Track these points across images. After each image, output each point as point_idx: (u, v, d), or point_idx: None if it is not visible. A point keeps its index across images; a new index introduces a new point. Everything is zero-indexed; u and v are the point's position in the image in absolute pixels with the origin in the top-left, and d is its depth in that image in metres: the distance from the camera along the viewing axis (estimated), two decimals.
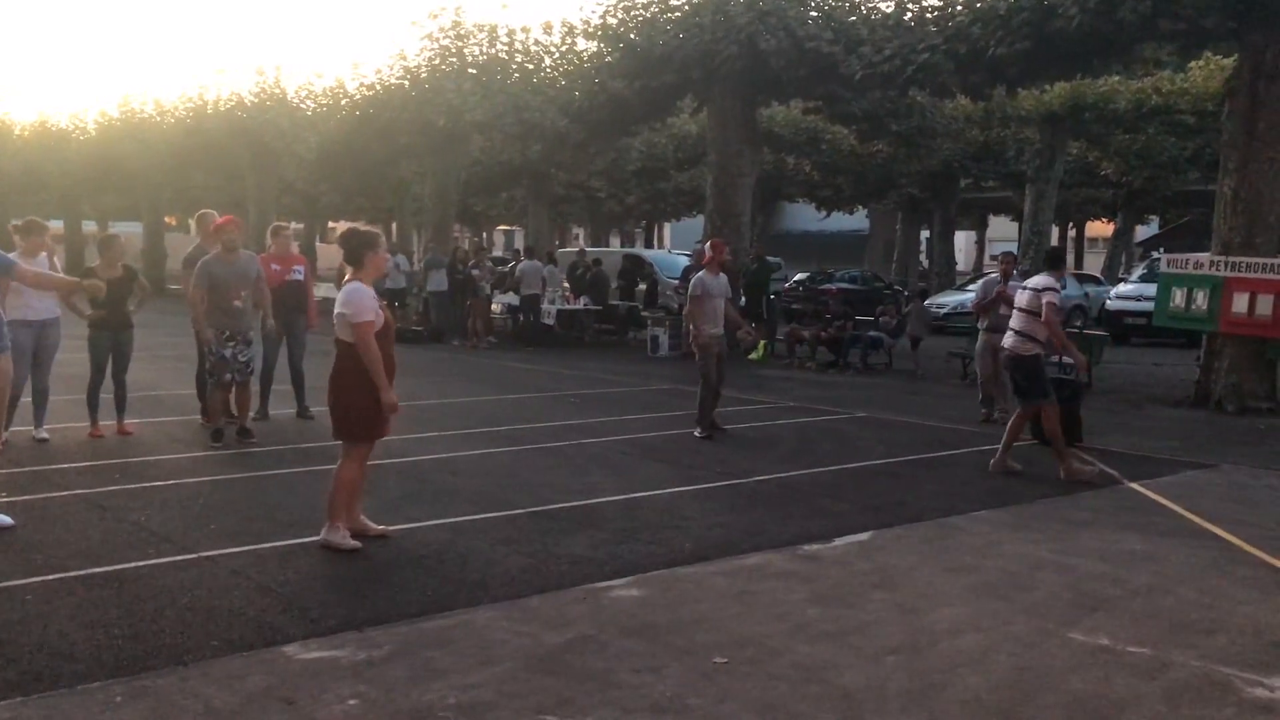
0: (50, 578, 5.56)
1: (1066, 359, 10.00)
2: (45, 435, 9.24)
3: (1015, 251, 16.45)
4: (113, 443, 9.39)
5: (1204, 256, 13.60)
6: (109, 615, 5.03)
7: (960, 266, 44.67)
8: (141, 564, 5.85)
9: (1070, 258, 48.83)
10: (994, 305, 11.72)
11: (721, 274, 10.92)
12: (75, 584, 5.49)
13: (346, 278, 6.39)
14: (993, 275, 12.29)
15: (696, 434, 10.47)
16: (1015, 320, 9.35)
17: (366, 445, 6.45)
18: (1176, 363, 17.93)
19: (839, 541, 6.77)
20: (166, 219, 38.16)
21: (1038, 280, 9.41)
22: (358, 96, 26.39)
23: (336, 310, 6.19)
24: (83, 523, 6.69)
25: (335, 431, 6.37)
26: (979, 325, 12.15)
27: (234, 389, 9.49)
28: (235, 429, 9.60)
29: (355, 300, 6.13)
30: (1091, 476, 8.82)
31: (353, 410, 6.23)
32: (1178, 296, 13.63)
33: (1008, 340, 9.36)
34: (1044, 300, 9.11)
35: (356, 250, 6.34)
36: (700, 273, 11.02)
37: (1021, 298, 9.41)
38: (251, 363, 9.60)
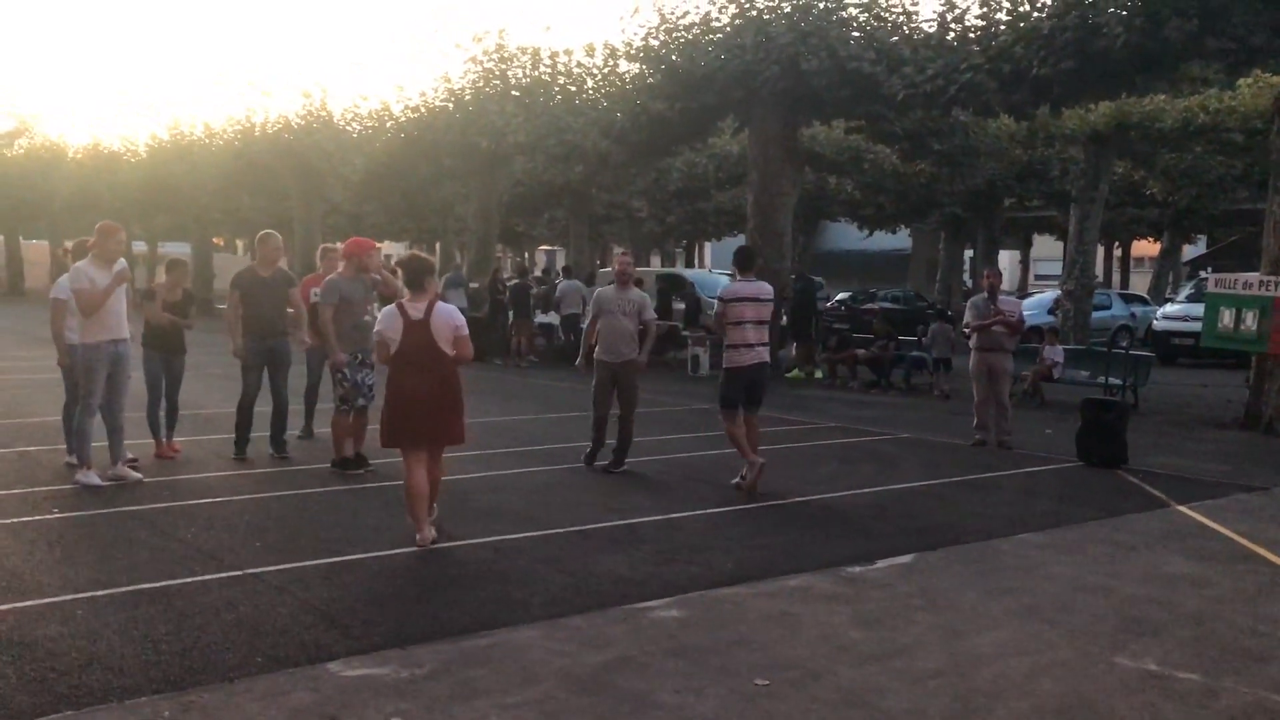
0: (100, 593, 5.65)
1: (1113, 379, 9.92)
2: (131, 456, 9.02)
3: (999, 267, 16.09)
4: (162, 461, 9.52)
5: (1253, 276, 13.40)
6: (157, 631, 5.10)
7: (1005, 286, 44.19)
8: (189, 580, 5.93)
9: (1116, 277, 48.32)
10: (990, 324, 11.48)
11: (633, 289, 9.66)
12: (124, 599, 5.57)
13: (418, 299, 6.84)
14: (979, 295, 12.01)
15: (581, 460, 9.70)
16: (757, 334, 9.18)
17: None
18: (1224, 384, 17.67)
19: (882, 563, 6.73)
20: (214, 239, 38.69)
21: (753, 288, 9.27)
22: (402, 119, 26.67)
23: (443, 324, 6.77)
24: (132, 539, 6.79)
25: (455, 437, 6.97)
26: (971, 344, 11.82)
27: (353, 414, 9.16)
28: (350, 456, 9.30)
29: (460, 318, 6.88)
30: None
31: (463, 412, 6.93)
32: (1226, 317, 13.45)
33: (754, 355, 9.13)
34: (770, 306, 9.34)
35: (418, 275, 6.90)
36: (600, 289, 10.05)
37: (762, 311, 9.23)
38: (374, 387, 9.10)
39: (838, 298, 31.88)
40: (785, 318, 20.42)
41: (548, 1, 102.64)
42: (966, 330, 12.18)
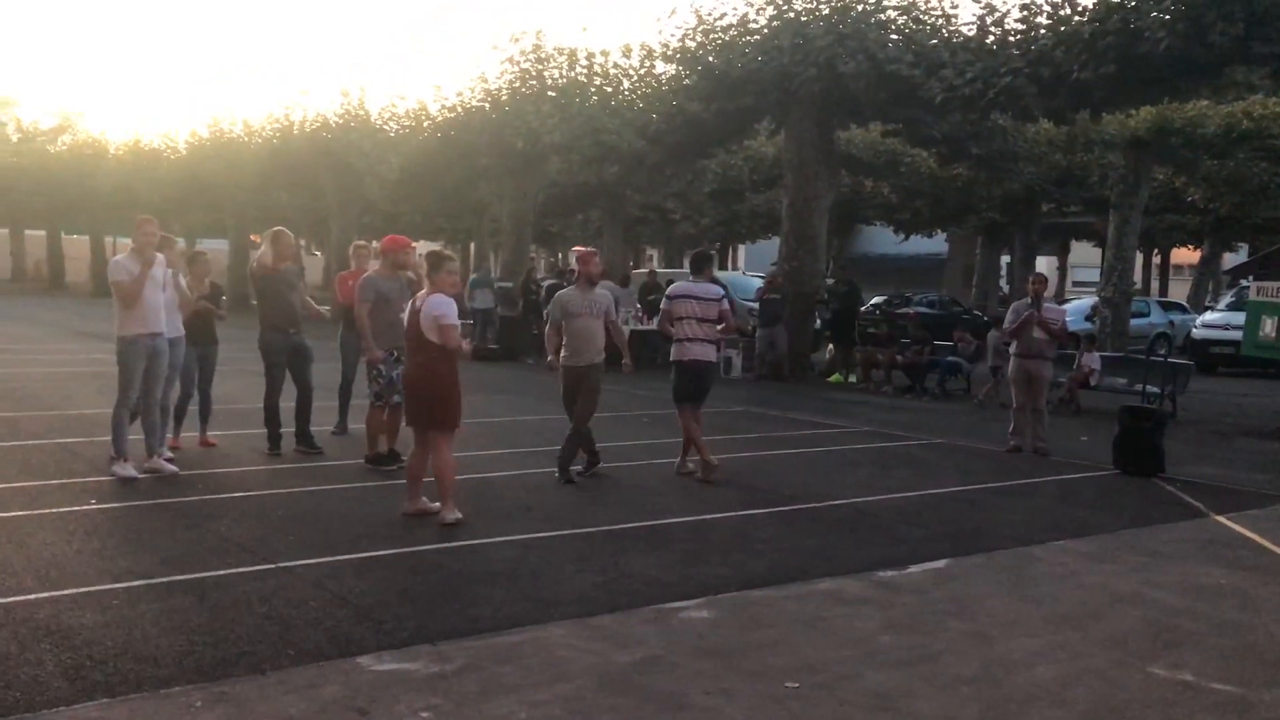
0: (136, 584, 5.71)
1: (1151, 387, 9.81)
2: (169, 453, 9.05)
3: (1039, 275, 15.90)
4: (196, 454, 9.62)
5: None
6: (191, 622, 5.15)
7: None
8: (222, 573, 5.98)
9: (1155, 285, 47.79)
10: (1025, 329, 11.38)
11: (597, 289, 9.36)
12: (160, 590, 5.62)
13: (426, 291, 7.40)
14: (1023, 300, 11.93)
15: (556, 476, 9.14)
16: (694, 330, 9.45)
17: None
18: (1265, 393, 17.45)
19: (914, 569, 6.68)
20: (252, 236, 39.02)
21: (700, 288, 9.58)
22: (439, 118, 26.77)
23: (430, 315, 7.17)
24: (167, 531, 6.86)
25: (439, 424, 7.30)
26: (1011, 350, 11.78)
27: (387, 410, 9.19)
28: (384, 451, 9.36)
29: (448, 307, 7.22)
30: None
31: (452, 401, 7.27)
32: (1267, 325, 13.28)
33: (698, 352, 9.47)
34: (723, 308, 9.52)
35: (431, 268, 7.42)
36: (561, 290, 9.60)
37: (706, 309, 9.47)
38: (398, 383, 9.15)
39: (872, 302, 31.71)
40: (820, 320, 20.38)
41: (585, 2, 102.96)
42: (1003, 334, 12.14)
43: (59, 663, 4.58)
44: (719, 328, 9.65)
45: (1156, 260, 49.62)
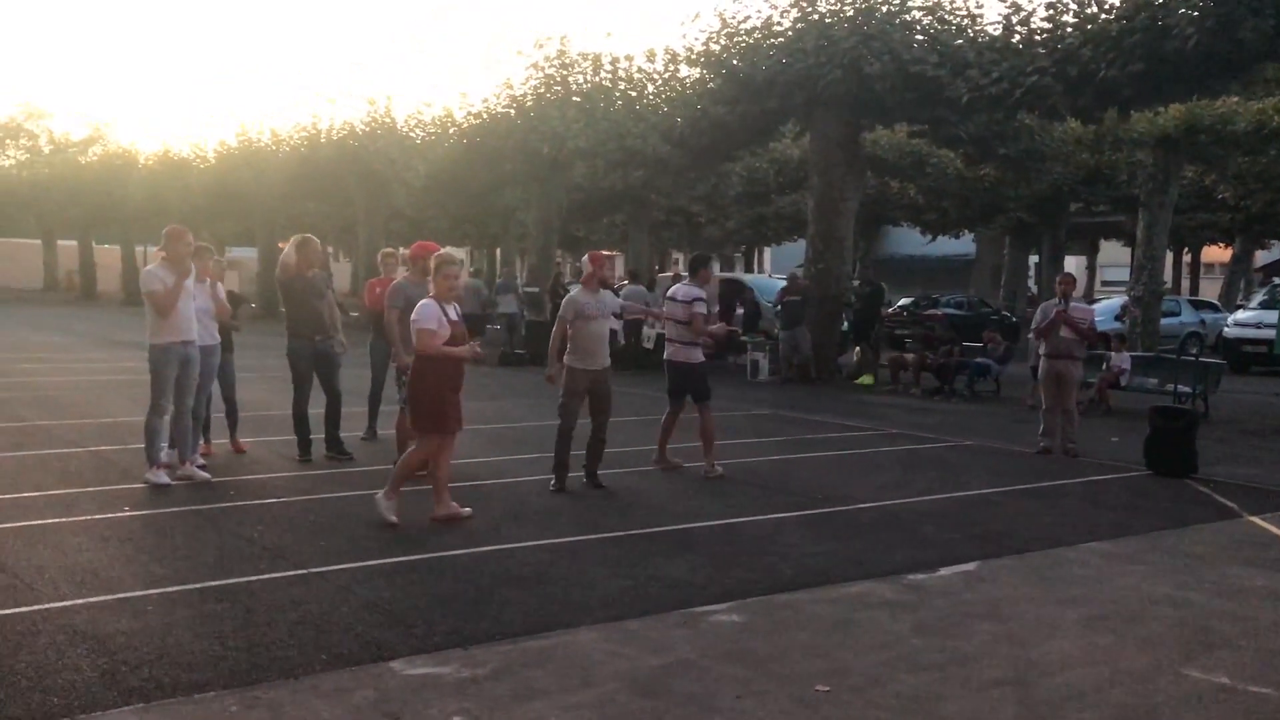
0: (170, 589, 5.76)
1: (1183, 387, 9.74)
2: (201, 461, 9.11)
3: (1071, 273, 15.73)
4: (228, 460, 9.70)
5: None
6: (224, 627, 5.19)
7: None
8: (255, 578, 6.03)
9: (1185, 284, 47.34)
10: (1053, 329, 11.29)
11: (603, 292, 9.15)
12: (193, 596, 5.68)
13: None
14: (1051, 300, 11.83)
15: (551, 486, 8.85)
16: (673, 331, 9.76)
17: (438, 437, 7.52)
18: None
19: (944, 571, 6.65)
20: (280, 244, 39.34)
21: (682, 290, 9.75)
22: (465, 125, 26.91)
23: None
24: (200, 537, 6.93)
25: (413, 424, 7.64)
26: (1040, 351, 11.69)
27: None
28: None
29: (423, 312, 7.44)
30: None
31: (422, 404, 7.45)
32: None
33: (673, 352, 9.70)
34: (694, 310, 9.57)
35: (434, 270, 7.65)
36: (575, 291, 9.15)
37: (676, 310, 9.73)
38: None
39: (900, 303, 31.58)
40: (847, 322, 20.33)
41: (609, 7, 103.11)
42: (1032, 335, 12.08)
43: (96, 668, 4.63)
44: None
45: (1187, 259, 49.16)
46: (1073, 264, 51.32)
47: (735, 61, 19.79)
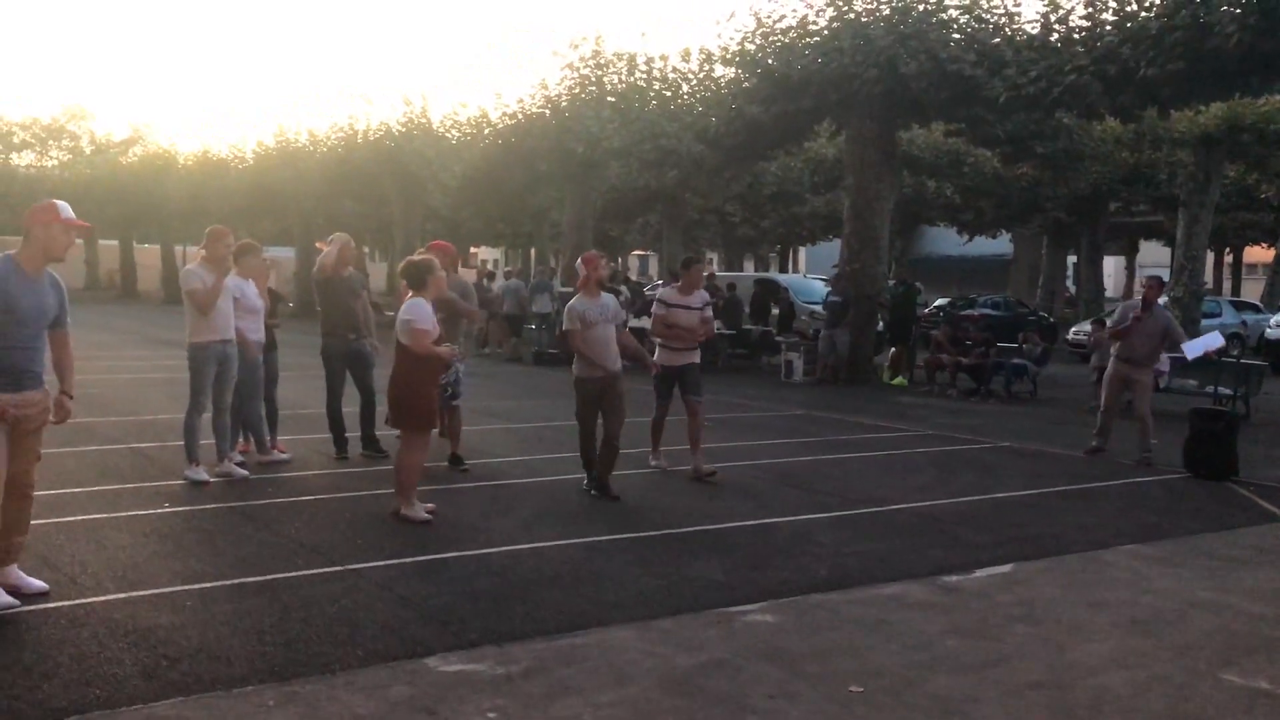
0: (209, 585, 5.84)
1: (1223, 389, 9.62)
2: (239, 456, 9.16)
3: (1164, 277, 15.48)
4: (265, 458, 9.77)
5: None
6: (262, 623, 5.25)
7: (1109, 293, 43.21)
8: (292, 575, 6.09)
9: (1227, 284, 46.78)
10: (1129, 333, 10.99)
11: (603, 295, 8.74)
12: (232, 592, 5.75)
13: (409, 296, 7.59)
14: (1132, 301, 11.55)
15: (584, 485, 8.74)
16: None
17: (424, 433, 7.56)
18: None
19: (980, 573, 6.62)
20: (317, 244, 39.66)
21: (669, 293, 9.78)
22: (500, 125, 27.01)
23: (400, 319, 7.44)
24: (238, 534, 7.00)
25: (399, 422, 7.50)
26: (1113, 352, 11.39)
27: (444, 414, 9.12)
28: (448, 457, 9.50)
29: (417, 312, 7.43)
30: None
31: (409, 403, 7.39)
32: None
33: (671, 357, 9.60)
34: (706, 315, 9.73)
35: (419, 276, 7.59)
36: (574, 299, 8.76)
37: (692, 321, 9.67)
38: (452, 386, 9.23)
39: (936, 303, 31.39)
40: (882, 322, 20.23)
41: (644, 7, 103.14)
42: (1107, 335, 11.84)
43: (136, 661, 4.70)
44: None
45: (1228, 259, 48.60)
46: (1111, 264, 50.86)
47: (770, 61, 19.74)
